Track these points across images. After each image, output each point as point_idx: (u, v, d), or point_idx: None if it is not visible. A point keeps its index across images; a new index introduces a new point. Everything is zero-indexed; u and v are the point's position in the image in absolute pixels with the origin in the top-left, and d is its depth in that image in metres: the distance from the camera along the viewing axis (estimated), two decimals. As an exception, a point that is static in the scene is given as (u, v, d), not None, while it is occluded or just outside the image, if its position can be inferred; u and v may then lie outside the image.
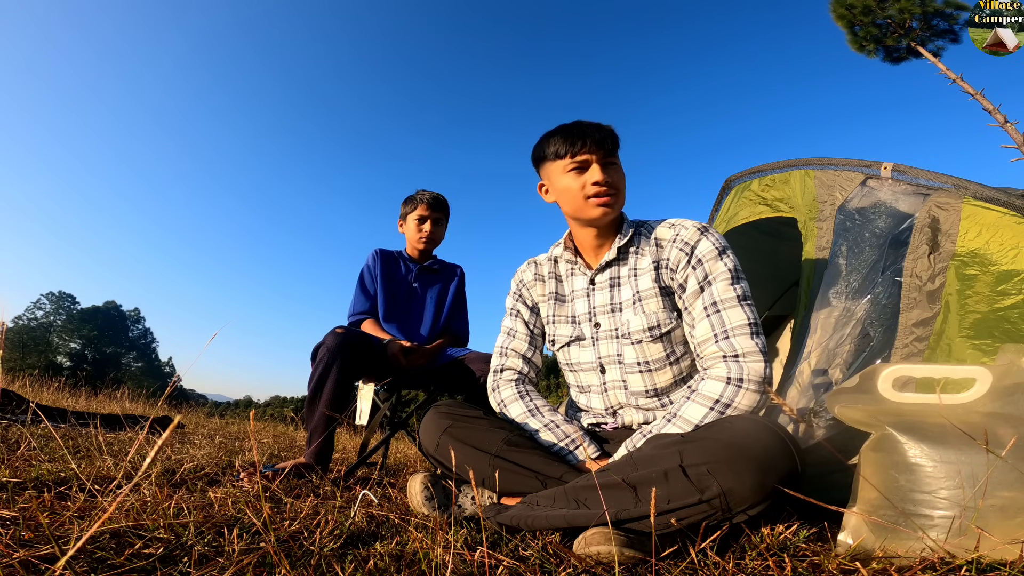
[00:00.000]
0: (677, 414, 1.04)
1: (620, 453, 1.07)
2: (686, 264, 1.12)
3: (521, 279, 1.37)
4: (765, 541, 0.84)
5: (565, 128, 1.18)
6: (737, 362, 1.02)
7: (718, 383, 1.02)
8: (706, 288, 1.09)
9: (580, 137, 1.15)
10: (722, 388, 1.01)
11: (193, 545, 0.77)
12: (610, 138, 1.16)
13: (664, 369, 1.16)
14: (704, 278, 1.10)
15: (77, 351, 45.00)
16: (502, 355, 1.34)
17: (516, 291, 1.38)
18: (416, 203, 2.07)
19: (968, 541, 0.72)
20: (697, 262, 1.11)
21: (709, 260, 1.10)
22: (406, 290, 2.10)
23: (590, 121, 1.18)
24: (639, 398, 1.18)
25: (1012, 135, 9.08)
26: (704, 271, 1.10)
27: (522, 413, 1.23)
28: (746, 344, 1.03)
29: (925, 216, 1.31)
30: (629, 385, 1.19)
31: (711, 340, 1.06)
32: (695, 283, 1.11)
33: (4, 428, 1.90)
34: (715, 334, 1.06)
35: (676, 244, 1.14)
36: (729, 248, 1.13)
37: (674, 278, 1.15)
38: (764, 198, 2.05)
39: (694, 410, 1.02)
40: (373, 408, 1.96)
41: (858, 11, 11.04)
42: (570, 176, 1.17)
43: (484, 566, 0.74)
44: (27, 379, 5.53)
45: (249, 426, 3.98)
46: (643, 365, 1.17)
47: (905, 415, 0.85)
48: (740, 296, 1.07)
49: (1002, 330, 1.08)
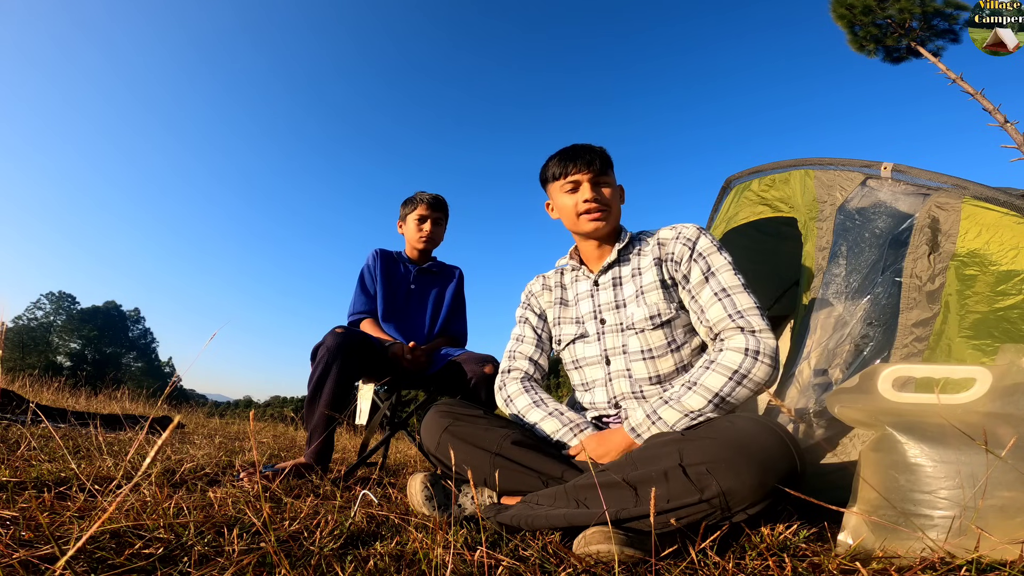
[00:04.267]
0: (698, 382, 1.07)
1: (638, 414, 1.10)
2: (689, 257, 1.21)
3: (530, 290, 1.47)
4: (765, 541, 0.84)
5: (561, 152, 1.32)
6: (755, 335, 1.08)
7: (737, 354, 1.07)
8: (711, 277, 1.18)
9: (572, 160, 1.28)
10: (741, 359, 1.06)
11: (193, 545, 0.77)
12: (600, 159, 1.28)
13: (666, 356, 1.20)
14: (708, 269, 1.19)
15: (77, 351, 44.99)
16: (510, 358, 1.40)
17: (525, 301, 1.47)
18: (416, 203, 2.08)
19: (968, 541, 0.72)
20: (699, 255, 1.21)
21: (710, 254, 1.20)
22: (405, 291, 2.10)
23: (584, 144, 1.31)
24: (643, 385, 1.21)
25: (1012, 135, 9.08)
26: (707, 263, 1.19)
27: (527, 404, 1.27)
28: (759, 323, 1.10)
29: (925, 216, 1.31)
30: (633, 373, 1.22)
31: (727, 318, 1.12)
32: (699, 273, 1.19)
33: (4, 428, 1.90)
34: (730, 314, 1.12)
35: (679, 240, 1.24)
36: (724, 247, 1.23)
37: (678, 270, 1.23)
38: (764, 198, 2.05)
39: (714, 379, 1.06)
40: (373, 408, 1.96)
41: (858, 11, 11.04)
42: (566, 195, 1.30)
43: (484, 566, 0.74)
44: (27, 379, 5.52)
45: (249, 426, 3.98)
46: (646, 352, 1.21)
47: (905, 415, 0.85)
48: (744, 284, 1.16)
49: (1002, 330, 1.08)
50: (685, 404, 1.05)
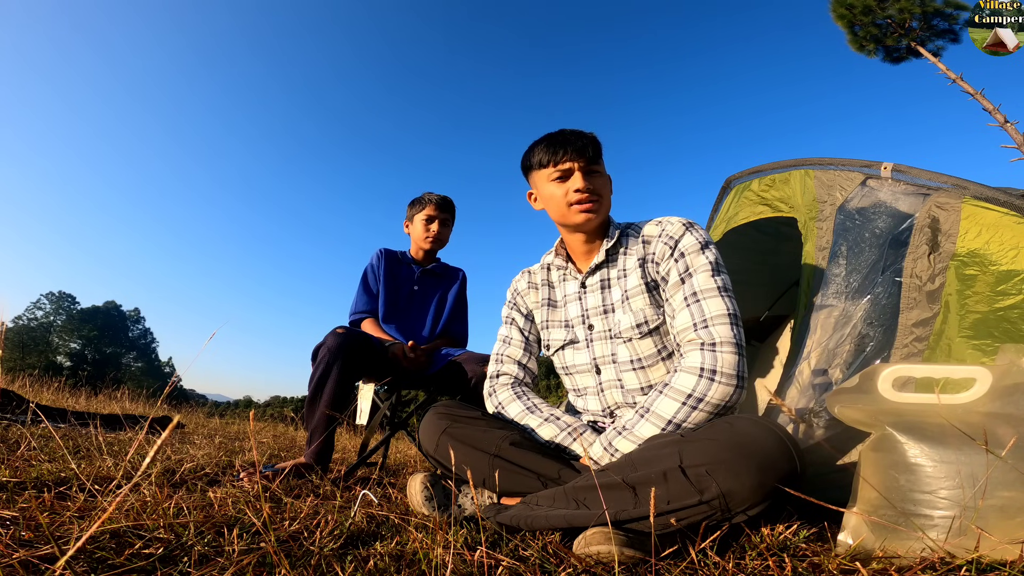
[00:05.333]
0: (651, 409, 1.04)
1: (596, 448, 1.08)
2: (669, 256, 1.14)
3: (515, 288, 1.41)
4: (765, 541, 0.84)
5: (549, 137, 1.21)
6: (713, 351, 1.02)
7: (690, 376, 1.01)
8: (687, 280, 1.11)
9: (562, 146, 1.17)
10: (694, 382, 1.01)
11: (193, 545, 0.77)
12: (592, 146, 1.18)
13: (657, 365, 1.17)
14: (685, 270, 1.11)
15: (77, 351, 44.95)
16: (498, 362, 1.36)
17: (511, 300, 1.41)
18: (424, 204, 2.08)
19: (968, 541, 0.72)
20: (680, 255, 1.13)
21: (691, 253, 1.12)
22: (408, 291, 2.10)
23: (573, 129, 1.21)
24: (635, 395, 1.18)
25: (1012, 135, 9.07)
26: (686, 263, 1.12)
27: (521, 411, 1.23)
28: (724, 333, 1.03)
29: (925, 216, 1.31)
30: (624, 383, 1.19)
31: (690, 328, 1.07)
32: (676, 275, 1.12)
33: (4, 428, 1.90)
34: (695, 323, 1.06)
35: (661, 239, 1.17)
36: (712, 244, 1.15)
37: (658, 271, 1.17)
38: (764, 198, 2.05)
39: (666, 405, 1.02)
40: (373, 408, 1.96)
41: (858, 11, 11.04)
42: (554, 184, 1.20)
43: (484, 566, 0.74)
44: (27, 379, 5.52)
45: (249, 426, 3.98)
46: (636, 362, 1.18)
47: (905, 415, 0.85)
48: (720, 287, 1.08)
49: (1002, 330, 1.08)
50: (638, 434, 1.03)
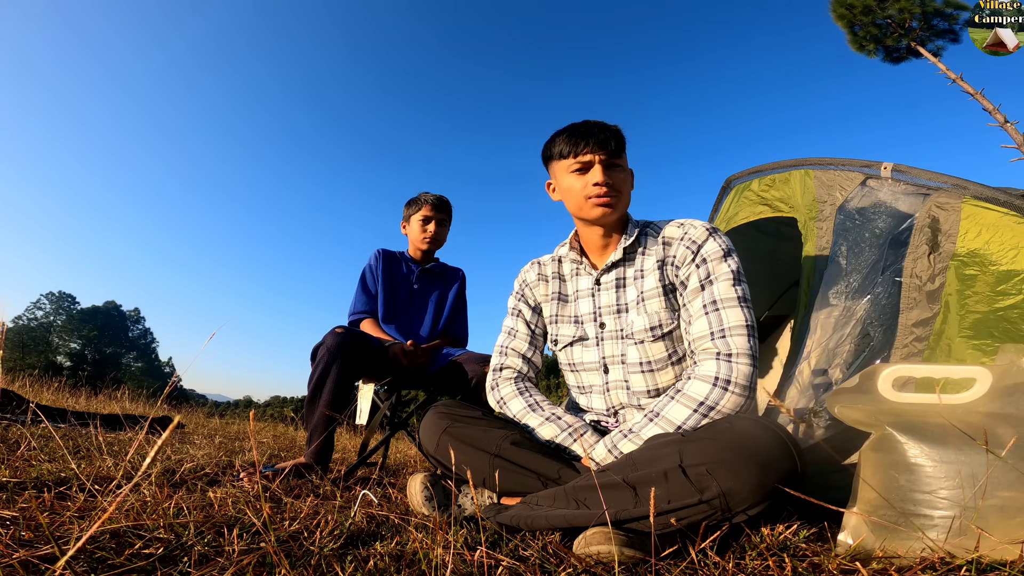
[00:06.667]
0: (660, 413, 1.03)
1: (600, 450, 1.07)
2: (690, 261, 1.12)
3: (524, 279, 1.37)
4: (765, 541, 0.84)
5: (571, 128, 1.18)
6: (729, 362, 1.02)
7: (704, 384, 1.02)
8: (707, 287, 1.09)
9: (584, 137, 1.14)
10: (708, 390, 1.01)
11: (193, 545, 0.77)
12: (615, 139, 1.15)
13: (666, 369, 1.16)
14: (706, 276, 1.10)
15: (77, 351, 44.94)
16: (502, 354, 1.34)
17: (519, 291, 1.37)
18: (420, 204, 2.08)
19: (968, 541, 0.72)
20: (702, 261, 1.11)
21: (714, 260, 1.11)
22: (407, 291, 2.10)
23: (597, 121, 1.18)
24: (640, 398, 1.18)
25: (1012, 135, 9.07)
26: (707, 270, 1.10)
27: (522, 409, 1.22)
28: (741, 344, 1.03)
29: (925, 216, 1.31)
30: (631, 385, 1.18)
31: (707, 337, 1.06)
32: (696, 281, 1.11)
33: (4, 428, 1.90)
34: (712, 331, 1.06)
35: (684, 242, 1.15)
36: (735, 251, 1.13)
37: (677, 275, 1.15)
38: (764, 198, 2.05)
39: (677, 411, 1.02)
40: (373, 408, 1.96)
41: (858, 11, 11.04)
42: (573, 176, 1.17)
43: (484, 566, 0.74)
44: (27, 379, 5.52)
45: (249, 426, 3.97)
46: (645, 365, 1.16)
47: (905, 415, 0.85)
48: (740, 297, 1.07)
49: (1002, 330, 1.08)
50: (644, 437, 1.02)
